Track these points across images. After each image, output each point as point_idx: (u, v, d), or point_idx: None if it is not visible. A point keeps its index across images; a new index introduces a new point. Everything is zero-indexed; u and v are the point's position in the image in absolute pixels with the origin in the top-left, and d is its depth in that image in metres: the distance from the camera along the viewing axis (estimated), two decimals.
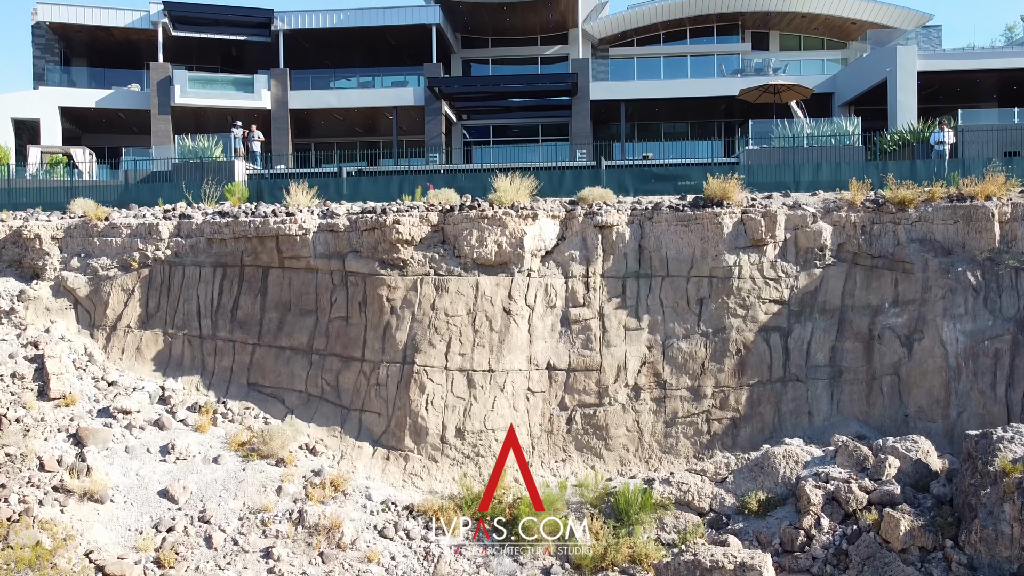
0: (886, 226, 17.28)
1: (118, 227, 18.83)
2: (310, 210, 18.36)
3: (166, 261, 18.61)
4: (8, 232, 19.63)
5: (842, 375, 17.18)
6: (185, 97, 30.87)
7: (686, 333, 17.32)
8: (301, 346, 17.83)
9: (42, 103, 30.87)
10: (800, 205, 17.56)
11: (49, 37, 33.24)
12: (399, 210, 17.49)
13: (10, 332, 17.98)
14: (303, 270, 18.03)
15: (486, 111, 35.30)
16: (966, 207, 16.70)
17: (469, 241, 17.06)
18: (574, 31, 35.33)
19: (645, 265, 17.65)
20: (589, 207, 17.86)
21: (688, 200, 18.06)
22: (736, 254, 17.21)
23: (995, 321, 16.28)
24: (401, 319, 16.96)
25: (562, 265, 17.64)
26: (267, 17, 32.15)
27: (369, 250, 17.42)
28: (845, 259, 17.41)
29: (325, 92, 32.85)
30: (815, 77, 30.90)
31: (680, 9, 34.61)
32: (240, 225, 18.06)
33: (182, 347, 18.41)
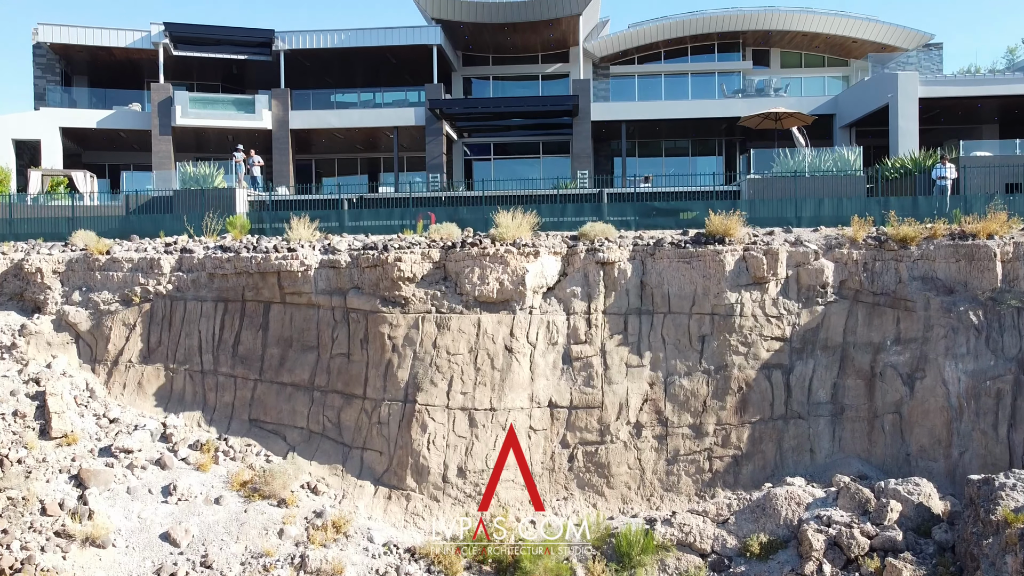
0: (888, 263, 17.28)
1: (119, 261, 18.82)
2: (311, 245, 18.35)
3: (167, 296, 18.61)
4: (9, 265, 19.63)
5: (844, 412, 17.19)
6: (186, 118, 30.87)
7: (688, 370, 17.32)
8: (303, 382, 17.82)
9: (43, 124, 30.86)
10: (802, 242, 17.55)
11: (50, 57, 33.25)
12: (400, 247, 17.48)
13: (11, 368, 17.98)
14: (304, 306, 18.02)
15: (487, 129, 35.30)
16: (968, 246, 16.69)
17: (471, 279, 17.05)
18: (575, 49, 35.35)
19: (647, 301, 17.66)
20: (591, 243, 17.86)
21: (690, 236, 18.06)
22: (738, 291, 17.21)
23: (997, 361, 16.29)
24: (403, 357, 16.95)
25: (564, 301, 17.63)
26: (268, 37, 32.16)
27: (371, 287, 17.42)
28: (847, 296, 17.41)
29: (326, 112, 32.84)
30: (816, 99, 30.91)
31: (681, 28, 34.62)
32: (241, 261, 18.05)
33: (183, 382, 18.40)
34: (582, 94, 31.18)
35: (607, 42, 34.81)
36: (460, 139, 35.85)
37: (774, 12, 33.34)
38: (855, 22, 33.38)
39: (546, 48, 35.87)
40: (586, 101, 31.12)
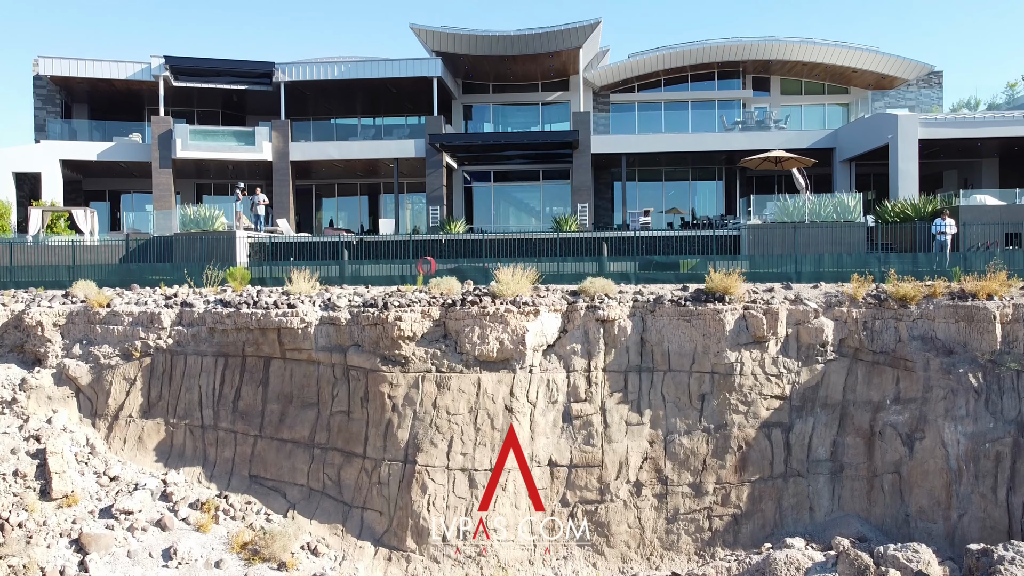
0: (888, 322, 17.29)
1: (120, 315, 18.84)
2: (311, 301, 18.37)
3: (168, 350, 18.62)
4: (10, 316, 19.66)
5: (843, 470, 17.19)
6: (186, 151, 30.88)
7: (688, 428, 17.34)
8: (303, 439, 17.84)
9: (43, 157, 30.89)
10: (802, 300, 17.57)
11: (50, 88, 33.28)
12: (400, 304, 17.49)
13: (12, 423, 17.99)
14: (305, 362, 18.04)
15: (487, 159, 35.29)
16: (967, 307, 16.70)
17: (471, 338, 17.07)
18: (575, 78, 35.38)
19: (647, 359, 17.67)
20: (591, 299, 17.87)
21: (690, 292, 18.07)
22: (738, 350, 17.23)
23: (996, 424, 16.30)
24: (403, 417, 16.96)
25: (564, 359, 17.65)
26: (268, 70, 32.17)
27: (371, 344, 17.43)
28: (847, 354, 17.43)
29: (327, 144, 32.86)
30: (816, 132, 30.91)
31: (681, 58, 34.62)
32: (242, 317, 18.07)
33: (184, 437, 18.42)
34: (582, 128, 31.18)
35: (607, 72, 34.81)
36: (460, 167, 35.87)
37: (774, 43, 33.35)
38: (855, 53, 33.38)
39: (546, 76, 35.91)
40: (586, 134, 31.13)
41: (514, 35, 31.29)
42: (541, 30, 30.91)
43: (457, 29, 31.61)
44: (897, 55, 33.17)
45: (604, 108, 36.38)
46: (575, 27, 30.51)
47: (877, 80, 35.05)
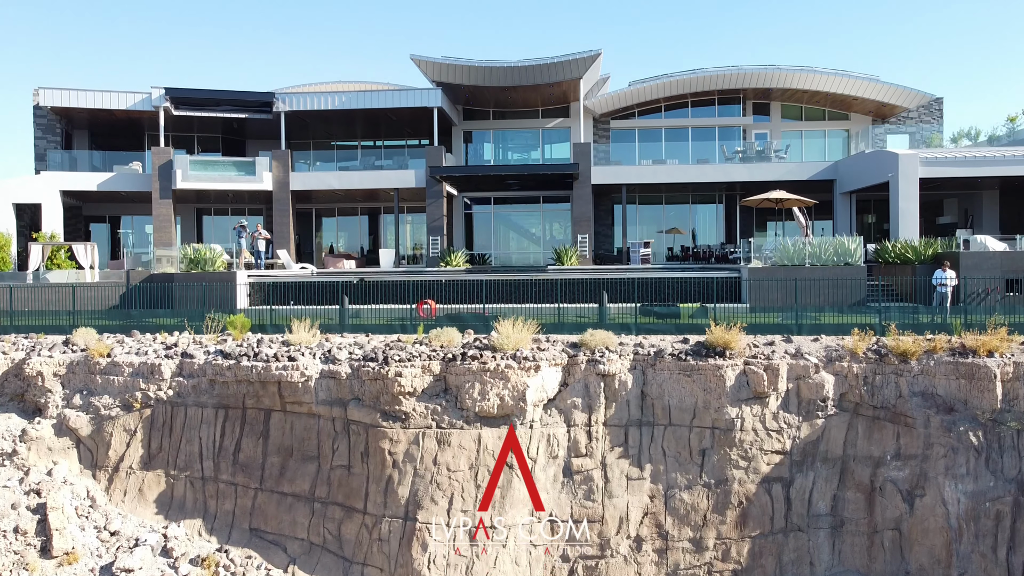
0: (888, 377, 17.28)
1: (120, 365, 18.83)
2: (312, 352, 18.35)
3: (168, 401, 18.62)
4: (10, 365, 19.68)
5: (843, 525, 17.21)
6: (187, 181, 30.88)
7: (688, 483, 17.34)
8: (303, 493, 17.84)
9: (43, 188, 30.87)
10: (802, 354, 17.56)
11: (50, 118, 33.27)
12: (401, 359, 17.48)
13: (13, 476, 17.98)
14: (305, 415, 18.04)
15: (488, 187, 35.26)
16: (968, 364, 16.70)
17: (471, 394, 17.06)
18: (575, 104, 35.39)
19: (648, 413, 17.67)
20: (591, 352, 17.86)
21: (691, 345, 18.07)
22: (739, 406, 17.23)
23: (996, 482, 16.31)
24: (403, 473, 16.96)
25: (564, 412, 17.65)
26: (268, 99, 32.17)
27: (371, 399, 17.42)
28: (847, 408, 17.43)
29: (327, 174, 32.87)
30: (817, 164, 30.90)
31: (681, 86, 34.61)
32: (242, 369, 18.06)
33: (184, 489, 18.42)
34: (582, 160, 31.17)
35: (608, 100, 34.80)
36: (461, 193, 35.86)
37: (775, 71, 33.34)
38: (856, 82, 33.38)
39: (547, 103, 35.91)
40: (586, 166, 31.11)
41: (515, 66, 31.27)
42: (541, 61, 30.89)
43: (458, 60, 31.59)
44: (897, 84, 33.17)
45: (605, 134, 36.38)
46: (575, 58, 30.50)
47: (878, 108, 35.06)
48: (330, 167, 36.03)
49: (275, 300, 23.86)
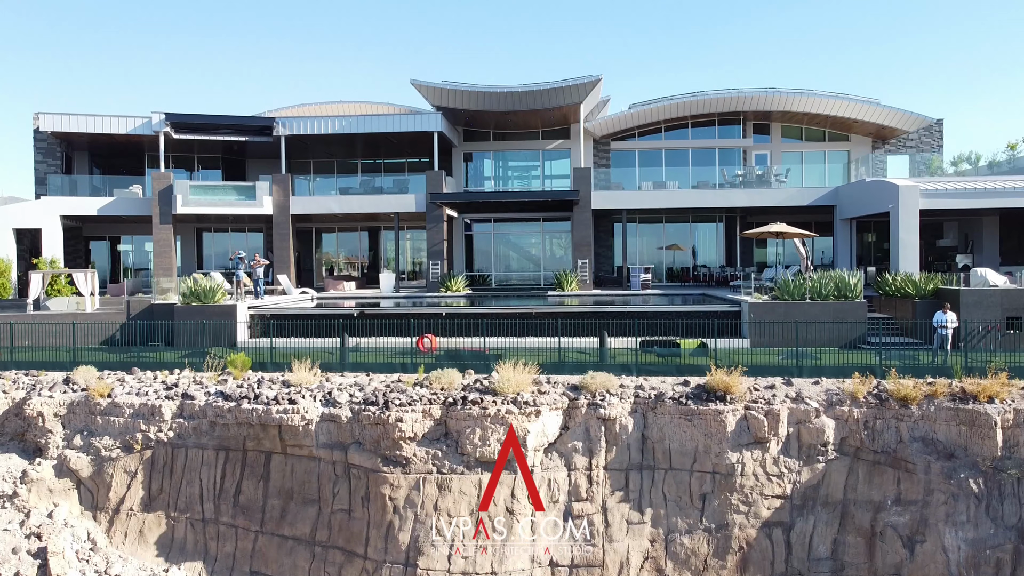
0: (889, 422, 17.28)
1: (121, 406, 18.83)
2: (312, 395, 18.34)
3: (169, 443, 18.61)
4: (11, 404, 19.69)
5: (844, 570, 17.18)
6: (187, 206, 30.87)
7: (689, 528, 17.34)
8: (304, 536, 17.83)
9: (44, 213, 30.86)
10: (803, 398, 17.57)
11: (50, 142, 33.29)
12: (401, 403, 17.48)
13: (14, 519, 17.98)
14: (306, 458, 18.03)
15: (488, 210, 35.25)
16: (968, 411, 16.70)
17: (472, 440, 17.07)
18: (575, 126, 35.40)
19: (648, 456, 17.67)
20: (592, 396, 17.86)
21: (691, 387, 18.06)
22: (739, 451, 17.22)
23: (997, 530, 16.31)
24: (404, 519, 16.95)
25: (565, 456, 17.65)
26: (268, 124, 32.16)
27: (372, 444, 17.42)
28: (848, 453, 17.42)
29: (327, 199, 32.86)
30: (817, 190, 30.91)
31: (681, 109, 34.62)
32: (243, 412, 18.05)
33: (185, 531, 18.41)
34: (583, 185, 31.17)
35: (608, 122, 34.81)
36: (461, 215, 35.86)
37: (775, 95, 33.34)
38: (855, 105, 33.39)
39: (547, 125, 35.92)
40: (586, 191, 31.10)
41: (515, 91, 31.27)
42: (542, 86, 30.89)
43: (458, 85, 31.58)
44: (897, 108, 33.17)
45: (605, 155, 36.38)
46: (576, 84, 30.50)
47: (878, 130, 35.08)
48: (330, 189, 36.07)
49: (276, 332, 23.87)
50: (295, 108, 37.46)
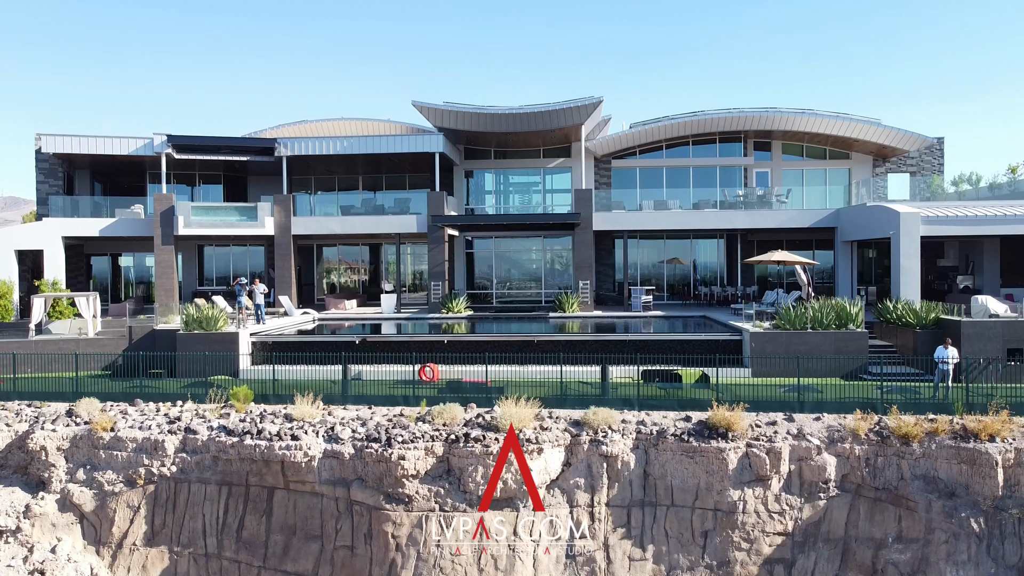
0: (890, 459, 17.33)
1: (123, 440, 18.86)
2: (315, 430, 18.37)
3: (171, 477, 18.65)
4: (14, 437, 19.73)
5: None
6: (189, 228, 30.91)
7: (691, 565, 17.39)
8: (306, 572, 17.87)
9: (45, 234, 30.93)
10: (804, 435, 17.61)
11: (52, 162, 33.35)
12: (403, 440, 17.52)
13: (17, 554, 18.03)
14: (308, 494, 18.07)
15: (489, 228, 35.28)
16: (970, 450, 16.74)
17: (474, 477, 17.11)
18: (576, 145, 35.43)
19: (650, 493, 17.71)
20: (594, 432, 17.90)
21: (692, 423, 18.11)
22: (741, 488, 17.26)
23: (998, 569, 16.34)
24: (407, 557, 17.00)
25: (567, 493, 17.69)
26: (270, 145, 32.22)
27: (374, 480, 17.46)
28: (849, 489, 17.47)
29: (328, 219, 32.91)
30: (818, 212, 30.95)
31: (682, 129, 34.69)
32: (245, 448, 18.09)
33: (188, 566, 18.45)
34: (584, 207, 31.20)
35: (609, 142, 34.87)
36: (462, 233, 35.88)
37: (775, 115, 33.39)
38: (856, 125, 33.43)
39: (548, 144, 35.96)
40: (588, 213, 31.15)
41: (516, 113, 31.31)
42: (543, 108, 30.92)
43: (459, 106, 31.62)
44: (898, 128, 33.18)
45: (606, 173, 36.43)
46: (577, 106, 30.54)
47: (879, 148, 35.12)
48: (331, 206, 36.08)
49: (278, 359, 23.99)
50: (297, 125, 37.51)
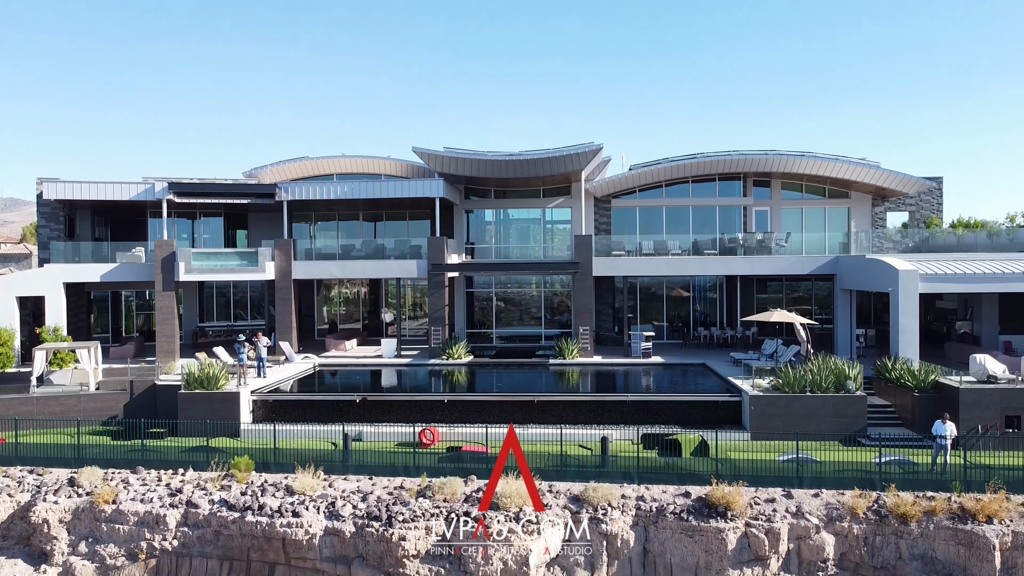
0: (888, 538, 17.40)
1: (125, 514, 18.94)
2: (315, 506, 18.43)
3: (173, 552, 18.72)
4: (16, 507, 19.83)
5: None
6: (190, 273, 30.99)
7: None
8: None
9: (47, 280, 30.98)
10: (803, 513, 17.68)
11: (54, 206, 33.44)
12: (404, 519, 17.59)
13: None
14: (310, 570, 18.14)
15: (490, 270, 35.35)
16: (967, 532, 16.81)
17: (475, 558, 17.16)
18: (576, 185, 35.50)
19: (650, 571, 17.79)
20: (594, 510, 17.99)
21: (692, 500, 18.18)
22: (740, 568, 17.33)
23: None
24: None
25: (567, 570, 17.74)
26: (270, 191, 32.31)
27: (375, 559, 17.53)
28: (847, 568, 17.55)
29: (329, 263, 32.97)
30: (817, 258, 31.00)
31: (681, 171, 34.77)
32: (246, 524, 18.17)
33: None
34: (584, 254, 31.25)
35: (609, 183, 34.97)
36: (462, 273, 35.95)
37: (775, 157, 33.46)
38: (856, 168, 33.50)
39: (548, 184, 36.04)
40: (587, 258, 31.21)
41: (516, 159, 31.39)
42: (543, 155, 31.00)
43: (459, 153, 31.70)
44: (897, 172, 33.22)
45: (606, 213, 36.52)
46: (576, 153, 30.61)
47: (877, 189, 35.20)
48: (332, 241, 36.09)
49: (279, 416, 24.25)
50: (298, 163, 37.55)
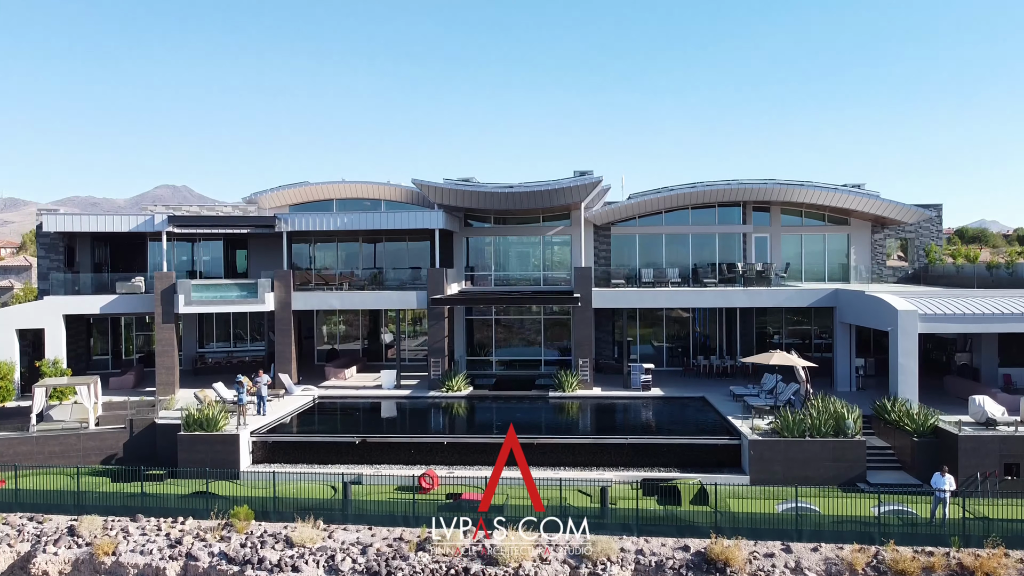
0: None
1: (125, 566, 18.95)
2: (315, 560, 18.44)
3: None
4: (16, 557, 19.82)
5: None
6: (190, 306, 31.01)
7: None
8: None
9: (46, 313, 31.02)
10: (802, 569, 17.66)
11: (53, 237, 33.48)
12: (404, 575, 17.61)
13: None
14: None
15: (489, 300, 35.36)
16: None
17: None
18: (576, 213, 35.52)
19: None
20: (593, 565, 17.98)
21: (691, 554, 18.18)
22: None
23: None
24: None
25: None
26: (269, 223, 32.34)
27: None
28: None
29: (329, 294, 33.00)
30: (816, 291, 30.98)
31: (681, 200, 34.79)
32: None
33: None
34: (583, 286, 31.24)
35: (608, 212, 34.99)
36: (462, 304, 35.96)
37: (774, 186, 33.47)
38: (855, 198, 33.55)
39: (548, 212, 36.08)
40: (587, 290, 31.20)
41: (515, 192, 31.42)
42: (542, 187, 31.00)
43: (459, 185, 31.74)
44: (896, 202, 33.28)
45: (606, 240, 36.56)
46: (576, 185, 30.61)
47: (876, 217, 35.25)
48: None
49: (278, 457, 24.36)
50: (298, 188, 37.64)
